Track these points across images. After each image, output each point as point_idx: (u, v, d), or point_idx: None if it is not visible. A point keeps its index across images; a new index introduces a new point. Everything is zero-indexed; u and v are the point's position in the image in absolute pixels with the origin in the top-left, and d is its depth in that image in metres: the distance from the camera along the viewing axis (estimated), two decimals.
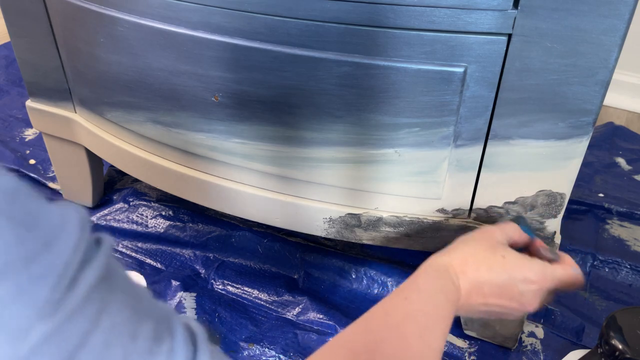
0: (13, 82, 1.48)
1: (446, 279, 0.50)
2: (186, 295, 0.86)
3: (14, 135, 1.26)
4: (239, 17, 0.59)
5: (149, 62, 0.68)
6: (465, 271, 0.51)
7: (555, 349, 0.80)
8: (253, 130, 0.68)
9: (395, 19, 0.54)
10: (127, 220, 1.00)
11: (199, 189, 0.77)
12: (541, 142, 0.59)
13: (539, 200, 0.63)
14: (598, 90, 0.54)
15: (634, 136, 1.33)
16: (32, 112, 0.93)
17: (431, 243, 0.70)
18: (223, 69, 0.64)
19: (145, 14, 0.64)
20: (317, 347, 0.78)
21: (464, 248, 0.54)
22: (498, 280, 0.52)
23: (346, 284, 0.90)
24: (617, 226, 1.04)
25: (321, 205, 0.71)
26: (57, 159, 1.00)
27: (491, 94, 0.57)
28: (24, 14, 0.81)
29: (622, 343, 0.55)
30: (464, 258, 0.52)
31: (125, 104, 0.76)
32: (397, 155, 0.63)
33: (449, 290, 0.50)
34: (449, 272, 0.51)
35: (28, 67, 0.88)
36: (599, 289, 0.91)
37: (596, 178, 1.17)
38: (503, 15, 0.52)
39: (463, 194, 0.66)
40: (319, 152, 0.66)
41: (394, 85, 0.58)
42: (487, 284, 0.52)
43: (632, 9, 0.49)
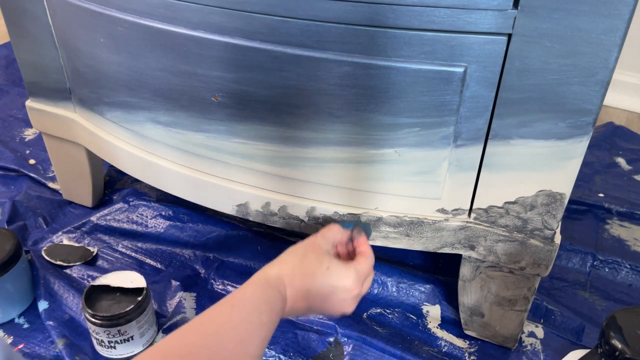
0: (13, 82, 1.48)
1: (274, 289, 0.55)
2: (186, 295, 0.86)
3: (14, 135, 1.26)
4: (239, 17, 0.59)
5: (149, 62, 0.68)
6: (293, 282, 0.57)
7: (555, 349, 0.80)
8: (253, 130, 0.68)
9: (395, 19, 0.54)
10: (127, 220, 1.00)
11: (199, 189, 0.77)
12: (541, 142, 0.59)
13: (539, 200, 0.63)
14: (598, 90, 0.54)
15: (634, 136, 1.33)
16: (32, 112, 0.93)
17: (431, 243, 0.70)
18: (223, 69, 0.64)
19: (145, 14, 0.64)
20: (317, 347, 0.79)
21: (293, 260, 0.59)
22: (322, 291, 0.58)
23: None
24: (617, 226, 1.04)
25: (321, 205, 0.71)
26: (57, 159, 1.00)
27: (491, 94, 0.57)
28: (24, 14, 0.81)
29: (622, 343, 0.55)
30: (292, 270, 0.57)
31: (125, 104, 0.76)
32: (397, 155, 0.63)
33: (276, 299, 0.54)
34: (278, 282, 0.56)
35: (28, 67, 0.88)
36: (599, 289, 0.91)
37: (596, 178, 1.17)
38: (503, 15, 0.52)
39: (463, 194, 0.66)
40: (319, 152, 0.66)
41: (394, 85, 0.58)
42: (312, 294, 0.57)
43: (632, 9, 0.49)
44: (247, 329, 0.50)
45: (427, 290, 0.87)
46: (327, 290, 0.58)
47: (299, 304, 0.57)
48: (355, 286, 0.59)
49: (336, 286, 0.58)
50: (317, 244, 0.61)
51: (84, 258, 0.92)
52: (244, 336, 0.49)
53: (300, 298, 0.57)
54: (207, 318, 0.50)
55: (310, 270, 0.58)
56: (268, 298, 0.54)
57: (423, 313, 0.85)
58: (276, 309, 0.54)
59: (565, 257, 0.96)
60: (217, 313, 0.50)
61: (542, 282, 0.91)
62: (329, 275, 0.58)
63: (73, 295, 0.84)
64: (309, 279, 0.57)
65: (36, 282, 0.86)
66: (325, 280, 0.58)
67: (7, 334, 0.80)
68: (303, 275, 0.57)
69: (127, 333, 0.74)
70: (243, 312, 0.51)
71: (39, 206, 1.03)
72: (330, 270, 0.58)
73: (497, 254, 0.69)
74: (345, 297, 0.59)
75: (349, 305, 0.60)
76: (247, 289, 0.54)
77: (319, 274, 0.58)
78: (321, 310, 0.60)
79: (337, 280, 0.58)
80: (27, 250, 0.92)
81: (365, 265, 0.62)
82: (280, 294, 0.55)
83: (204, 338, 0.47)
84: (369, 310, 0.85)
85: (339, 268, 0.59)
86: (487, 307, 0.76)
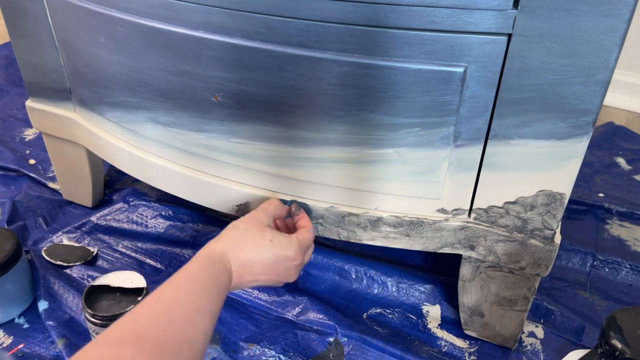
0: (13, 82, 1.48)
1: (219, 264, 0.57)
2: None
3: (14, 135, 1.26)
4: (239, 17, 0.59)
5: (149, 62, 0.68)
6: (237, 256, 0.59)
7: (555, 349, 0.80)
8: (253, 130, 0.68)
9: (395, 19, 0.54)
10: (127, 220, 1.00)
11: (199, 189, 0.77)
12: (541, 142, 0.59)
13: (539, 200, 0.63)
14: (598, 90, 0.54)
15: (634, 136, 1.33)
16: (32, 112, 0.93)
17: (431, 243, 0.70)
18: (223, 69, 0.64)
19: (145, 14, 0.64)
20: (317, 347, 0.79)
21: (236, 234, 0.61)
22: (266, 262, 0.61)
23: (346, 284, 0.90)
24: (617, 226, 1.04)
25: (321, 205, 0.71)
26: (57, 159, 1.00)
27: (491, 94, 0.57)
28: (24, 14, 0.81)
29: (622, 343, 0.55)
30: (235, 244, 0.60)
31: (125, 104, 0.76)
32: (397, 155, 0.63)
33: (221, 274, 0.56)
34: (222, 257, 0.58)
35: (28, 67, 0.88)
36: (599, 289, 0.91)
37: (596, 178, 1.17)
38: (503, 15, 0.52)
39: (463, 193, 0.66)
40: (319, 152, 0.66)
41: (394, 85, 0.58)
42: (256, 265, 0.60)
43: (632, 9, 0.49)
44: (194, 305, 0.51)
45: (427, 290, 0.87)
46: (271, 261, 0.61)
47: (245, 277, 0.60)
48: (297, 255, 0.63)
49: (279, 256, 0.61)
50: (258, 218, 0.64)
51: (84, 258, 0.92)
52: (192, 313, 0.50)
53: (245, 270, 0.59)
54: (155, 299, 0.51)
55: (253, 242, 0.60)
56: (213, 273, 0.56)
57: (423, 313, 0.85)
58: (222, 283, 0.56)
59: (565, 257, 0.96)
60: (164, 293, 0.52)
61: (542, 282, 0.91)
62: (272, 246, 0.61)
63: (73, 295, 0.84)
64: (253, 252, 0.60)
65: (36, 282, 0.86)
66: (269, 251, 0.61)
67: (7, 334, 0.80)
68: (246, 248, 0.60)
69: None
70: (189, 289, 0.52)
71: (39, 206, 1.03)
72: (273, 242, 0.61)
73: (497, 254, 0.69)
74: (288, 266, 0.62)
75: (292, 274, 0.64)
76: (191, 267, 0.55)
77: (262, 245, 0.60)
78: (266, 281, 0.62)
79: (280, 250, 0.61)
80: (27, 250, 0.92)
81: (307, 236, 0.66)
82: (225, 268, 0.57)
83: (154, 319, 0.48)
84: (369, 310, 0.85)
85: (282, 239, 0.62)
86: (487, 307, 0.76)
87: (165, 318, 0.49)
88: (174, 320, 0.49)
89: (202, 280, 0.54)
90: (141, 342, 0.45)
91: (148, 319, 0.48)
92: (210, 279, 0.55)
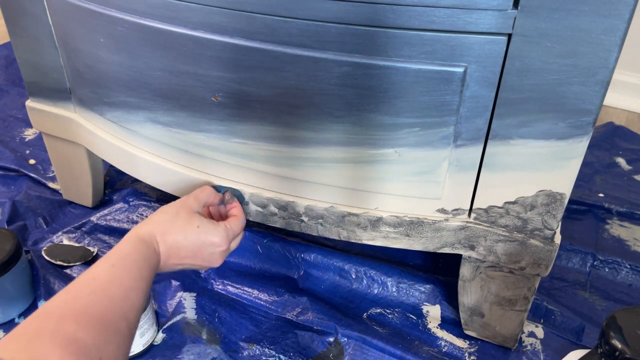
0: (13, 82, 1.48)
1: (148, 246, 0.60)
2: (186, 295, 0.86)
3: (14, 135, 1.26)
4: (239, 17, 0.59)
5: (149, 62, 0.68)
6: (165, 239, 0.62)
7: (555, 349, 0.80)
8: (253, 130, 0.68)
9: (395, 19, 0.54)
10: (127, 220, 1.00)
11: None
12: (541, 142, 0.59)
13: (539, 200, 0.63)
14: (598, 90, 0.54)
15: (634, 136, 1.33)
16: (32, 112, 0.93)
17: (431, 243, 0.70)
18: (223, 69, 0.64)
19: (145, 14, 0.64)
20: (317, 347, 0.79)
21: (165, 218, 0.64)
22: (192, 246, 0.64)
23: (346, 284, 0.90)
24: (617, 226, 1.04)
25: (321, 205, 0.71)
26: (57, 159, 1.00)
27: (491, 94, 0.57)
28: (24, 14, 0.81)
29: (622, 343, 0.55)
30: (164, 227, 0.63)
31: (125, 104, 0.76)
32: (397, 155, 0.63)
33: (151, 255, 0.59)
34: (151, 239, 0.61)
35: (28, 67, 0.88)
36: (599, 289, 0.91)
37: (596, 178, 1.17)
38: (503, 15, 0.52)
39: (463, 193, 0.66)
40: (319, 152, 0.66)
41: (394, 85, 0.58)
42: (183, 249, 0.63)
43: (632, 9, 0.49)
44: (130, 284, 0.54)
45: (427, 290, 0.87)
46: (196, 246, 0.64)
47: (172, 260, 0.63)
48: (222, 242, 0.65)
49: (205, 242, 0.64)
50: (188, 204, 0.66)
51: (84, 258, 0.92)
52: (128, 291, 0.53)
53: (172, 254, 0.62)
54: (91, 278, 0.53)
55: (181, 227, 0.63)
56: (145, 254, 0.59)
57: (423, 313, 0.85)
58: (152, 264, 0.59)
59: (565, 257, 0.96)
60: (99, 272, 0.54)
61: (542, 282, 0.91)
62: (198, 232, 0.64)
63: None
64: (180, 236, 0.63)
65: (36, 282, 0.86)
66: (195, 237, 0.63)
67: (7, 334, 0.80)
68: (174, 232, 0.63)
69: None
70: (124, 268, 0.55)
71: (39, 206, 1.03)
72: (200, 228, 0.64)
73: (497, 254, 0.69)
74: (213, 251, 0.65)
75: (216, 259, 0.66)
76: (123, 248, 0.58)
77: (189, 230, 0.63)
78: (191, 265, 0.65)
79: (206, 236, 0.64)
80: (27, 250, 0.92)
81: (236, 225, 0.68)
82: (154, 250, 0.61)
83: (93, 296, 0.51)
84: (369, 310, 0.85)
85: (208, 225, 0.65)
86: (487, 307, 0.76)
87: (103, 294, 0.51)
88: (112, 297, 0.51)
89: (135, 260, 0.57)
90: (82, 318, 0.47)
91: (87, 296, 0.50)
92: (142, 260, 0.58)
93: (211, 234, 0.65)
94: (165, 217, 0.64)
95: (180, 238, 0.63)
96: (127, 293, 0.53)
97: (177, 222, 0.64)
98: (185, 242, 0.63)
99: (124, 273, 0.55)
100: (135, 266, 0.56)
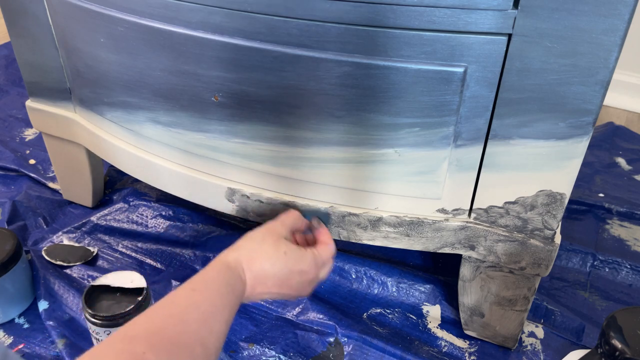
0: (13, 82, 1.48)
1: (234, 273, 0.57)
2: None
3: (14, 135, 1.26)
4: (239, 17, 0.59)
5: (149, 62, 0.68)
6: (251, 267, 0.58)
7: (555, 349, 0.80)
8: (253, 130, 0.68)
9: (395, 19, 0.54)
10: (127, 220, 1.00)
11: (199, 189, 0.77)
12: (541, 142, 0.59)
13: (539, 200, 0.63)
14: (598, 90, 0.54)
15: (634, 136, 1.33)
16: (32, 112, 0.93)
17: (431, 243, 0.70)
18: (223, 69, 0.64)
19: (145, 14, 0.64)
20: (317, 347, 0.79)
21: (252, 245, 0.60)
22: (280, 274, 0.59)
23: (346, 284, 0.90)
24: (617, 226, 1.04)
25: (321, 205, 0.71)
26: (57, 159, 1.00)
27: (491, 94, 0.57)
28: (24, 14, 0.81)
29: (622, 343, 0.55)
30: (250, 255, 0.59)
31: (125, 104, 0.76)
32: (397, 155, 0.63)
33: (235, 283, 0.56)
34: (237, 267, 0.57)
35: (28, 67, 0.88)
36: (599, 289, 0.91)
37: (596, 178, 1.17)
38: (503, 15, 0.52)
39: (463, 194, 0.66)
40: (319, 152, 0.66)
41: (394, 85, 0.58)
42: (270, 278, 0.59)
43: (632, 9, 0.49)
44: (209, 310, 0.51)
45: (427, 290, 0.87)
46: (284, 274, 0.60)
47: (258, 288, 0.59)
48: (311, 270, 0.61)
49: (292, 270, 0.60)
50: (275, 230, 0.63)
51: (84, 258, 0.92)
52: (207, 316, 0.50)
53: (258, 282, 0.59)
54: (169, 301, 0.51)
55: (268, 254, 0.59)
56: (228, 280, 0.55)
57: (423, 313, 0.85)
58: (236, 291, 0.56)
59: (565, 257, 0.96)
60: (179, 296, 0.52)
61: (542, 282, 0.91)
62: (286, 259, 0.60)
63: (73, 295, 0.84)
64: (267, 263, 0.59)
65: (36, 282, 0.86)
66: (283, 265, 0.59)
67: (7, 334, 0.80)
68: (261, 259, 0.59)
69: None
70: (205, 293, 0.52)
71: (39, 206, 1.03)
72: (287, 255, 0.60)
73: (497, 254, 0.69)
74: (301, 281, 0.61)
75: (305, 289, 0.62)
76: (207, 273, 0.55)
77: (276, 257, 0.59)
78: (279, 294, 0.61)
79: (294, 264, 0.60)
80: (27, 250, 0.92)
81: (325, 252, 0.64)
82: (239, 277, 0.57)
83: (168, 319, 0.48)
84: (369, 310, 0.85)
85: (296, 252, 0.61)
86: (487, 307, 0.76)
87: (180, 318, 0.49)
88: (188, 320, 0.49)
89: (218, 286, 0.54)
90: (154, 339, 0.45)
91: (162, 318, 0.48)
92: (226, 286, 0.54)
93: (299, 262, 0.61)
94: (252, 244, 0.60)
95: (268, 266, 0.59)
96: (205, 318, 0.50)
97: (264, 248, 0.60)
98: (273, 270, 0.59)
99: (204, 298, 0.52)
100: (217, 291, 0.53)
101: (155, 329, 0.47)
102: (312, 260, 0.62)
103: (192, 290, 0.52)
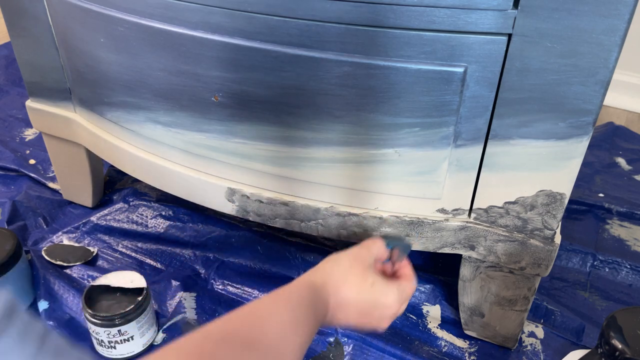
0: (13, 82, 1.48)
1: (319, 296, 0.55)
2: (186, 295, 0.86)
3: (14, 135, 1.26)
4: (239, 17, 0.59)
5: (149, 62, 0.68)
6: (336, 292, 0.57)
7: (555, 349, 0.80)
8: (253, 130, 0.68)
9: (395, 19, 0.54)
10: (127, 220, 1.00)
11: (199, 189, 0.77)
12: (541, 142, 0.59)
13: (539, 200, 0.63)
14: (598, 90, 0.54)
15: (634, 136, 1.33)
16: (32, 112, 0.93)
17: (431, 243, 0.70)
18: (223, 69, 0.64)
19: (145, 14, 0.64)
20: (317, 347, 0.79)
21: (339, 270, 0.59)
22: (364, 304, 0.58)
23: None
24: (617, 226, 1.04)
25: (321, 205, 0.71)
26: (57, 159, 1.00)
27: (491, 94, 0.57)
28: (24, 14, 0.81)
29: (622, 343, 0.55)
30: (337, 280, 0.58)
31: (125, 104, 0.76)
32: (397, 155, 0.63)
33: (319, 304, 0.55)
34: (323, 290, 0.56)
35: (28, 67, 0.88)
36: (599, 289, 0.91)
37: (596, 178, 1.17)
38: (503, 15, 0.52)
39: (463, 194, 0.66)
40: (319, 152, 0.66)
41: (394, 85, 0.58)
42: (352, 306, 0.58)
43: (632, 9, 0.49)
44: (289, 319, 0.50)
45: (427, 290, 0.87)
46: (368, 305, 0.58)
47: (339, 315, 0.58)
48: (394, 305, 0.60)
49: (377, 302, 0.59)
50: (362, 257, 0.61)
51: (84, 258, 0.92)
52: (285, 325, 0.49)
53: (340, 309, 0.57)
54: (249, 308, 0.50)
55: (355, 283, 0.58)
56: (312, 299, 0.54)
57: (423, 313, 0.85)
58: (318, 313, 0.54)
59: (565, 257, 0.96)
60: (259, 304, 0.50)
61: (542, 282, 0.91)
62: (372, 291, 0.58)
63: (73, 295, 0.84)
64: (353, 292, 0.58)
65: (36, 282, 0.86)
66: (369, 296, 0.58)
67: None
68: (347, 287, 0.57)
69: (127, 333, 0.74)
70: (286, 304, 0.51)
71: (39, 206, 1.03)
72: (374, 286, 0.59)
73: (497, 254, 0.69)
74: (383, 315, 0.60)
75: (384, 322, 0.60)
76: (292, 288, 0.54)
77: (363, 288, 0.58)
78: (357, 324, 0.59)
79: (380, 297, 0.59)
80: (27, 250, 0.92)
81: (409, 287, 0.62)
82: (324, 301, 0.56)
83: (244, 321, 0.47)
84: None
85: (382, 285, 0.59)
86: (487, 307, 0.76)
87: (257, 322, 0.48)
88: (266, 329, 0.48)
89: (300, 301, 0.53)
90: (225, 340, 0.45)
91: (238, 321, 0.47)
92: (309, 304, 0.53)
93: (385, 295, 0.59)
94: (339, 270, 0.59)
95: (353, 295, 0.57)
96: (283, 328, 0.49)
97: (351, 276, 0.58)
98: (357, 299, 0.58)
99: (285, 308, 0.51)
100: (298, 305, 0.52)
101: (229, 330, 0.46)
102: (397, 294, 0.60)
103: (273, 301, 0.51)
